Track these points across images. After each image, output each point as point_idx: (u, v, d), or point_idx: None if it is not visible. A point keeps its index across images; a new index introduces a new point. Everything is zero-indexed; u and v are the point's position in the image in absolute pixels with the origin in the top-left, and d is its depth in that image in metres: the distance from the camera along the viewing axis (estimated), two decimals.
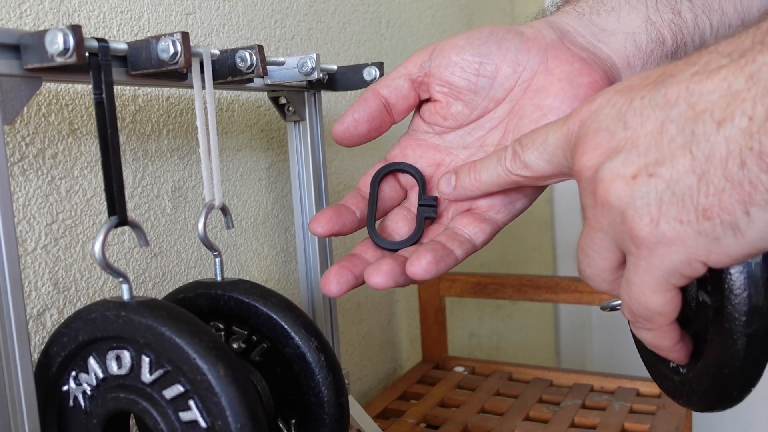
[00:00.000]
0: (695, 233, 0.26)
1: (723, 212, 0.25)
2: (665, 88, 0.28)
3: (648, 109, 0.28)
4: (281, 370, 0.47)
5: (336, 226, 0.41)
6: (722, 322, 0.30)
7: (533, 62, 0.41)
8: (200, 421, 0.38)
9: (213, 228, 0.66)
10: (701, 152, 0.26)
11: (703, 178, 0.26)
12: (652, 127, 0.27)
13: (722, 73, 0.26)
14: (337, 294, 0.38)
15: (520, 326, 1.56)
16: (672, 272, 0.28)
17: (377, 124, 0.43)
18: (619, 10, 0.43)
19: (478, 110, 0.43)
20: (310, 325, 0.47)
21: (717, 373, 0.31)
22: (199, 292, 0.48)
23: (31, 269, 0.49)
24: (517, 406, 0.84)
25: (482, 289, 0.98)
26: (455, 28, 1.23)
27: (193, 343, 0.37)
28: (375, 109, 0.43)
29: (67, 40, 0.35)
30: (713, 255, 0.26)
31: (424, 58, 0.43)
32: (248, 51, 0.47)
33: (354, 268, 0.39)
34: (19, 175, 0.48)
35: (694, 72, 0.27)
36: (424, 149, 0.44)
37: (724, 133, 0.25)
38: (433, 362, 1.01)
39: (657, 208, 0.27)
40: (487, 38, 0.42)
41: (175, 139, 0.62)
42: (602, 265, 0.31)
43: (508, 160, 0.36)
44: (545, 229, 1.73)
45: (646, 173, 0.27)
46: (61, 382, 0.42)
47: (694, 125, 0.26)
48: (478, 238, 0.40)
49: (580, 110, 0.32)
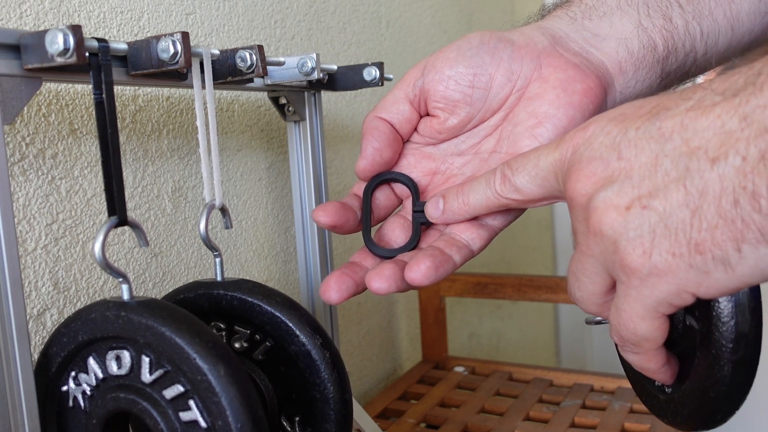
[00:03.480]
0: (687, 266, 0.27)
1: (715, 248, 0.26)
2: (660, 121, 0.28)
3: (642, 141, 0.28)
4: (285, 368, 0.48)
5: (340, 220, 0.41)
6: (709, 348, 0.31)
7: (527, 70, 0.41)
8: (200, 421, 0.38)
9: (213, 228, 0.66)
10: (695, 188, 0.26)
11: (697, 213, 0.26)
12: (647, 159, 0.28)
13: (716, 111, 0.26)
14: (338, 301, 0.39)
15: (520, 326, 1.56)
16: (661, 302, 0.28)
17: (395, 146, 0.43)
18: (611, 15, 0.43)
19: (473, 121, 0.42)
20: (313, 322, 0.47)
21: (703, 397, 0.32)
22: (200, 292, 0.48)
23: (31, 269, 0.49)
24: (517, 406, 0.84)
25: (482, 289, 0.98)
26: (455, 28, 1.23)
27: (194, 343, 0.37)
28: (389, 133, 0.42)
29: (67, 40, 0.35)
30: (702, 287, 0.27)
31: (416, 77, 0.42)
32: (248, 51, 0.47)
33: (354, 275, 0.39)
34: (19, 175, 0.48)
35: (689, 107, 0.27)
36: (419, 158, 0.44)
37: (718, 171, 0.25)
38: (433, 362, 1.01)
39: (650, 240, 0.27)
40: (478, 48, 0.41)
41: (175, 139, 0.62)
42: (592, 290, 0.32)
43: (497, 184, 0.36)
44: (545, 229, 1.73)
45: (639, 205, 0.27)
46: (60, 383, 0.42)
47: (688, 161, 0.26)
48: (476, 243, 0.40)
49: (574, 136, 0.32)
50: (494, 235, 0.42)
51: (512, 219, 0.42)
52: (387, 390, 0.91)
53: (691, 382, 0.33)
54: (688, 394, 0.33)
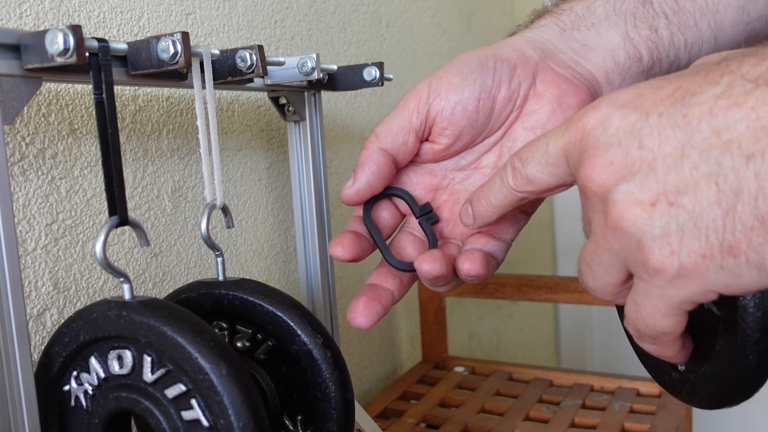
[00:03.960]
0: (717, 268, 0.25)
1: (750, 251, 0.25)
2: (686, 108, 0.26)
3: (667, 129, 0.26)
4: (287, 368, 0.48)
5: (357, 252, 0.41)
6: (734, 336, 0.31)
7: (524, 88, 0.42)
8: (202, 420, 0.38)
9: (213, 228, 0.66)
10: (728, 186, 0.25)
11: (730, 213, 0.25)
12: (672, 150, 0.26)
13: (750, 102, 0.25)
14: (368, 326, 0.39)
15: (520, 326, 1.56)
16: (685, 301, 0.27)
17: (388, 179, 0.42)
18: (599, 26, 0.43)
19: (476, 141, 0.43)
20: (315, 322, 0.47)
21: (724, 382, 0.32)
22: (201, 291, 0.48)
23: (31, 269, 0.49)
24: (517, 406, 0.84)
25: (482, 289, 0.98)
26: (455, 28, 1.23)
27: (195, 342, 0.37)
28: (386, 168, 0.42)
29: (67, 40, 0.35)
30: (732, 288, 0.26)
31: (421, 104, 0.42)
32: (248, 51, 0.47)
33: (380, 298, 0.40)
34: (19, 175, 0.48)
35: (718, 94, 0.26)
36: (420, 175, 0.44)
37: (754, 169, 0.24)
38: (433, 362, 1.01)
39: (678, 239, 0.26)
40: (480, 71, 0.41)
41: (175, 139, 0.62)
42: (608, 281, 0.31)
43: (510, 179, 0.35)
44: (545, 229, 1.73)
45: (666, 201, 0.26)
46: (62, 382, 0.42)
47: (720, 155, 0.25)
48: (498, 254, 0.41)
49: (583, 117, 0.30)
50: (509, 248, 0.42)
51: (521, 228, 0.42)
52: (387, 390, 0.91)
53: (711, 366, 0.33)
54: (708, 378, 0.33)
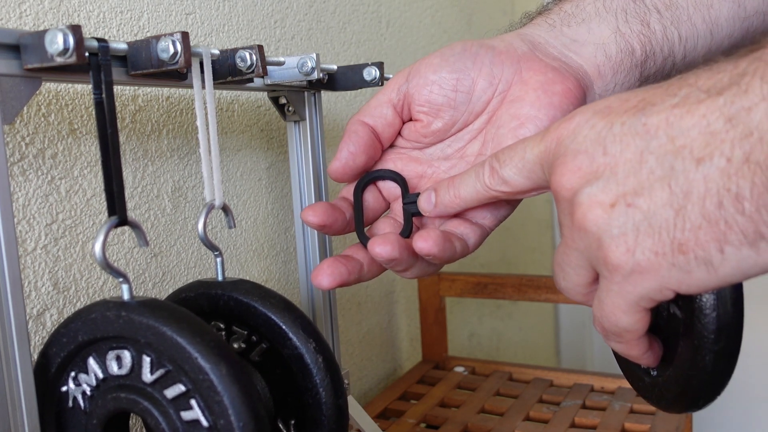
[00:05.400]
0: (669, 265, 0.27)
1: (698, 248, 0.26)
2: (645, 117, 0.28)
3: (628, 137, 0.28)
4: (280, 371, 0.47)
5: (329, 220, 0.41)
6: (692, 338, 0.32)
7: (508, 74, 0.42)
8: (202, 421, 0.38)
9: (213, 228, 0.66)
10: (680, 188, 0.26)
11: (680, 213, 0.26)
12: (631, 156, 0.28)
13: (701, 110, 0.26)
14: (328, 286, 0.39)
15: (520, 326, 1.56)
16: (643, 297, 0.29)
17: (372, 153, 0.43)
18: (590, 21, 0.43)
19: (457, 125, 0.43)
20: (308, 326, 0.47)
21: (686, 384, 0.33)
22: (200, 291, 0.48)
23: (31, 269, 0.49)
24: (517, 406, 0.84)
25: (482, 289, 0.98)
26: (455, 28, 1.23)
27: (195, 343, 0.37)
28: (367, 138, 0.43)
29: (67, 40, 0.35)
30: (684, 285, 0.27)
31: (401, 82, 0.43)
32: (248, 51, 0.47)
33: (348, 264, 0.40)
34: (19, 175, 0.48)
35: (675, 104, 0.27)
36: (406, 162, 0.45)
37: (703, 172, 0.26)
38: (433, 362, 1.01)
39: (633, 238, 0.28)
40: (461, 54, 0.42)
41: (175, 139, 0.62)
42: (577, 281, 0.32)
43: (486, 176, 0.37)
44: (545, 229, 1.73)
45: (624, 203, 0.28)
46: (60, 383, 0.41)
47: (673, 160, 0.27)
48: (470, 239, 0.41)
49: (558, 127, 0.32)
50: (486, 234, 0.42)
51: (502, 218, 0.43)
52: (387, 390, 0.91)
53: (674, 369, 0.34)
54: (673, 381, 0.34)
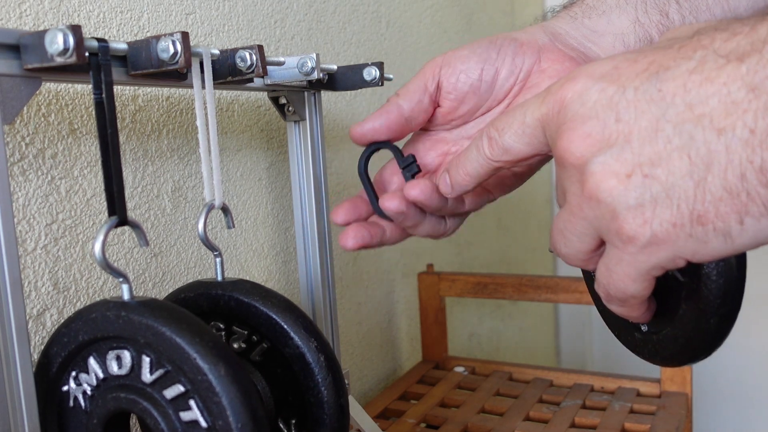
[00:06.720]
0: (686, 236, 0.27)
1: (718, 220, 0.26)
2: (660, 82, 0.27)
3: (642, 103, 0.27)
4: (281, 371, 0.47)
5: (354, 215, 0.45)
6: (697, 302, 0.33)
7: (528, 63, 0.45)
8: (201, 421, 0.38)
9: (213, 228, 0.66)
10: (700, 158, 0.26)
11: (701, 184, 0.26)
12: (647, 124, 0.27)
13: (722, 78, 0.26)
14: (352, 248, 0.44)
15: (520, 326, 1.56)
16: (655, 266, 0.29)
17: (395, 134, 0.47)
18: (610, 13, 0.45)
19: (481, 109, 0.47)
20: (309, 325, 0.47)
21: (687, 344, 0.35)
22: (199, 291, 0.48)
23: (31, 269, 0.49)
24: (517, 406, 0.84)
25: (482, 289, 0.98)
26: (455, 28, 1.23)
27: (194, 343, 0.37)
28: (395, 121, 0.46)
29: (67, 40, 0.35)
30: (698, 255, 0.27)
31: (435, 71, 0.46)
32: (248, 51, 0.47)
33: (370, 229, 0.44)
34: (19, 175, 0.48)
35: (691, 69, 0.27)
36: (434, 142, 0.48)
37: (725, 142, 0.25)
38: (433, 362, 1.01)
39: (651, 209, 0.27)
40: (487, 46, 0.45)
41: (175, 139, 0.62)
42: (579, 248, 0.32)
43: (486, 148, 0.36)
44: (545, 229, 1.73)
45: (641, 173, 0.27)
46: (61, 383, 0.42)
47: (692, 129, 0.26)
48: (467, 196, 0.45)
49: (561, 88, 0.31)
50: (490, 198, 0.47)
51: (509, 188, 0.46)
52: (387, 390, 0.91)
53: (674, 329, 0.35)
54: (671, 339, 0.36)
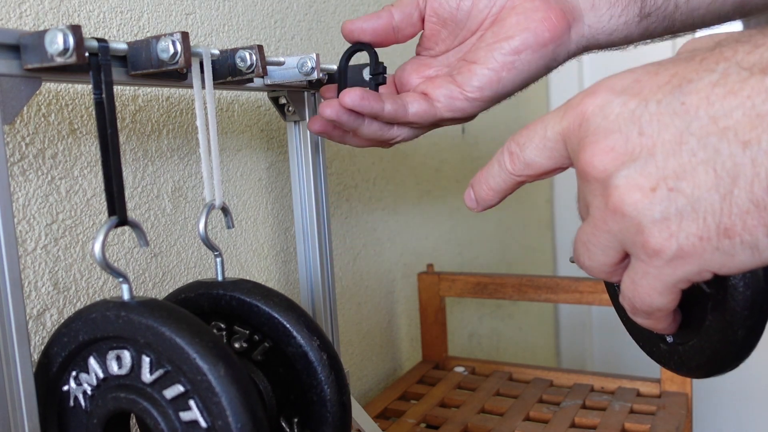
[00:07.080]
0: (713, 249, 0.27)
1: (745, 233, 0.26)
2: (683, 96, 0.27)
3: (666, 117, 0.27)
4: (283, 370, 0.47)
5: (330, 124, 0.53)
6: (723, 313, 0.33)
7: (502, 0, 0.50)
8: (200, 421, 0.38)
9: (213, 228, 0.66)
10: (726, 172, 0.26)
11: (727, 197, 0.26)
12: (671, 137, 0.27)
13: (746, 91, 0.26)
14: (316, 132, 0.53)
15: (520, 326, 1.56)
16: (681, 280, 0.29)
17: (380, 38, 0.53)
18: None
19: (458, 38, 0.53)
20: (311, 324, 0.47)
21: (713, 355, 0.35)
22: (200, 292, 0.48)
23: (31, 269, 0.49)
24: (517, 406, 0.84)
25: (482, 289, 0.98)
26: None
27: (194, 343, 0.37)
28: (383, 27, 0.53)
29: (67, 40, 0.35)
30: (725, 267, 0.27)
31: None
32: (248, 51, 0.47)
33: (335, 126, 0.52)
34: (19, 175, 0.48)
35: (714, 82, 0.27)
36: (419, 65, 0.55)
37: (751, 155, 0.25)
38: (433, 362, 1.01)
39: (677, 223, 0.27)
40: None
41: (175, 139, 0.62)
42: (604, 261, 0.32)
43: (508, 163, 0.36)
44: (545, 229, 1.73)
45: (665, 187, 0.27)
46: (61, 382, 0.42)
47: (717, 142, 0.26)
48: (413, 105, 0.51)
49: (581, 102, 0.31)
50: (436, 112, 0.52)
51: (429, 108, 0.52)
52: (387, 390, 0.91)
53: (701, 340, 0.35)
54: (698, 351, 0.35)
